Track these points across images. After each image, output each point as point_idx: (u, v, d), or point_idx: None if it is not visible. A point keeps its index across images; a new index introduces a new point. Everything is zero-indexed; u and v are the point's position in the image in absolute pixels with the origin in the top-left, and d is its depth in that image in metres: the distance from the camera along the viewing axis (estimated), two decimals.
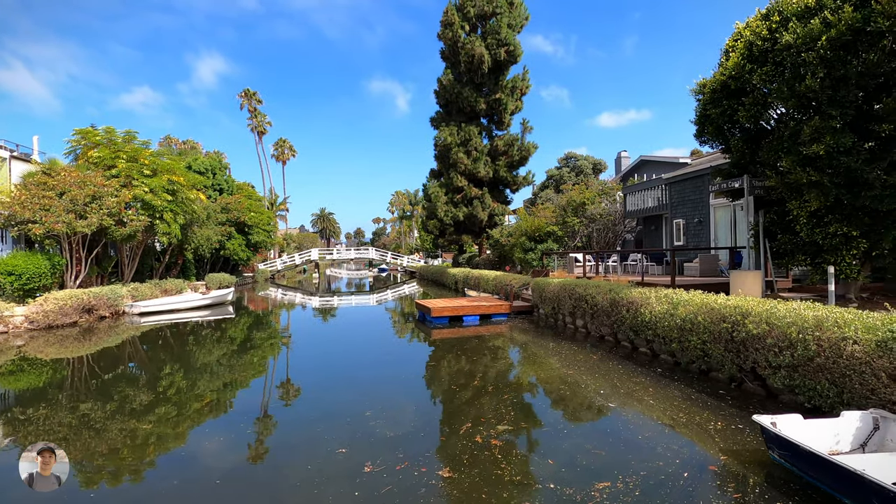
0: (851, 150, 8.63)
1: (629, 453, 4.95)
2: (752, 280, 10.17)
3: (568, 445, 5.18)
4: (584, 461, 4.77)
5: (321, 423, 6.23)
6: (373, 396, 7.41)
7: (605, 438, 5.45)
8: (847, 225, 9.60)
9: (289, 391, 8.10)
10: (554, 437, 5.41)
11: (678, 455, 4.84)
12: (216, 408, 7.13)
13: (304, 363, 10.83)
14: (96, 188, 19.18)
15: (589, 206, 22.61)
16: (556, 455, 4.91)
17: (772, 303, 7.03)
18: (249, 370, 9.97)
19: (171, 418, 6.56)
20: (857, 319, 5.45)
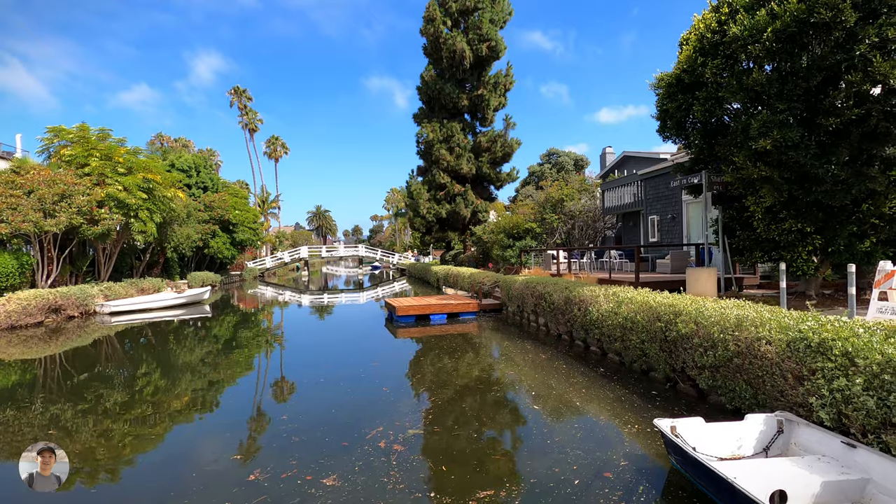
0: (800, 144, 8.45)
1: (531, 458, 4.79)
2: (706, 277, 10.01)
3: (472, 450, 5.02)
4: (480, 467, 4.61)
5: (232, 428, 6.08)
6: (297, 400, 7.27)
7: (513, 443, 5.29)
8: (801, 221, 9.44)
9: (215, 393, 7.94)
10: (461, 442, 5.25)
11: (579, 461, 4.68)
12: (154, 409, 6.97)
13: (253, 364, 10.67)
14: (66, 187, 18.99)
15: (568, 203, 22.43)
16: (454, 461, 4.75)
17: (704, 302, 6.86)
18: (198, 371, 9.82)
19: (111, 419, 6.40)
20: (773, 319, 5.29)
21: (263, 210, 69.06)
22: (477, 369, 8.70)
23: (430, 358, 9.99)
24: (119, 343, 13.80)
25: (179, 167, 34.18)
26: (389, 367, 9.44)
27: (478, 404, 6.68)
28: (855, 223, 9.22)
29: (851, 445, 3.98)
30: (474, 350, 10.58)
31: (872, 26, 7.50)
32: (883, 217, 9.05)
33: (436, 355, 10.13)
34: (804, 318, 5.04)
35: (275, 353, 12.09)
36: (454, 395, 7.17)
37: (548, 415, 6.09)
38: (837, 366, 4.22)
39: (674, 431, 4.50)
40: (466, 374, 8.37)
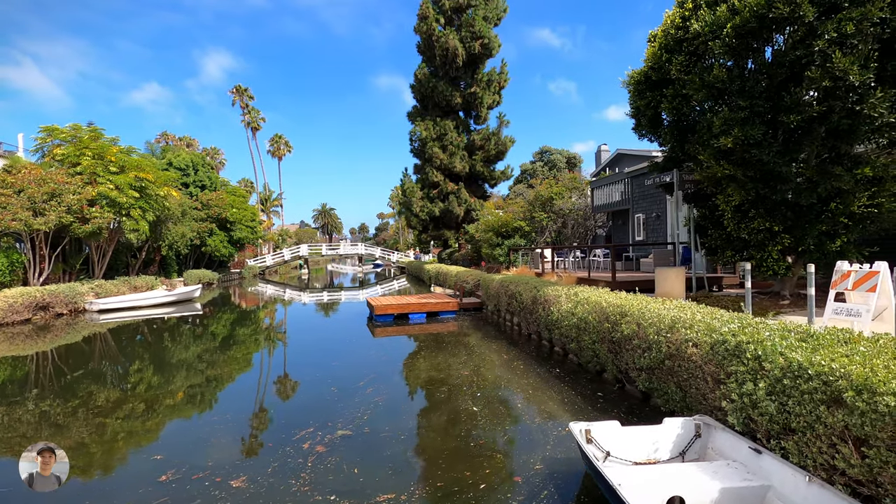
0: (763, 142, 8.30)
1: (448, 462, 4.75)
2: (674, 277, 9.88)
3: (393, 453, 4.99)
4: (393, 470, 4.57)
5: (168, 427, 6.10)
6: (240, 401, 7.29)
7: (438, 446, 5.25)
8: (769, 220, 9.28)
9: (164, 391, 7.98)
10: (386, 444, 5.22)
11: (495, 464, 4.64)
12: (125, 404, 7.02)
13: (216, 364, 10.72)
14: (56, 185, 19.21)
15: (557, 201, 22.29)
16: (370, 463, 4.72)
17: (647, 304, 6.76)
18: (162, 368, 9.89)
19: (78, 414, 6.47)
20: (703, 321, 5.19)
21: (266, 208, 69.48)
22: (434, 370, 8.67)
23: (393, 358, 9.98)
24: (100, 340, 13.94)
25: (177, 166, 34.44)
26: (348, 368, 9.42)
27: (419, 406, 6.65)
28: (824, 222, 9.04)
29: (757, 451, 3.91)
30: (440, 350, 10.55)
31: (831, 21, 7.34)
32: (853, 217, 8.87)
33: (400, 355, 10.12)
34: (731, 320, 4.95)
35: (243, 352, 12.13)
36: (400, 396, 7.14)
37: (484, 416, 6.04)
38: (748, 369, 4.13)
39: (588, 435, 4.45)
40: (421, 375, 8.35)
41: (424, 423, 5.93)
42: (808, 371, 3.49)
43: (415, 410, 6.44)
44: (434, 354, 10.03)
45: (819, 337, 4.03)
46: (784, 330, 4.33)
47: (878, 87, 7.35)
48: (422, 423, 5.92)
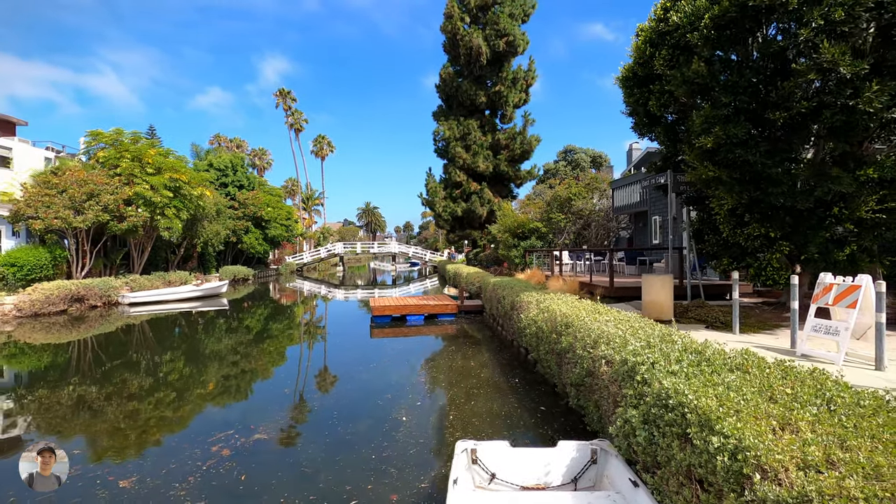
0: (748, 142, 7.65)
1: (339, 474, 4.66)
2: (660, 286, 9.29)
3: (293, 460, 4.96)
4: (279, 480, 4.54)
5: (103, 422, 6.35)
6: (185, 400, 7.48)
7: (339, 457, 5.15)
8: (766, 225, 8.56)
9: (129, 382, 8.33)
10: (292, 451, 5.20)
11: (381, 480, 4.51)
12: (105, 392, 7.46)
13: (194, 360, 11.09)
14: (95, 186, 20.62)
15: (577, 202, 21.59)
16: (263, 469, 4.71)
17: (599, 314, 6.38)
18: (157, 360, 10.38)
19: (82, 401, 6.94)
20: (622, 337, 4.83)
21: (308, 207, 71.70)
22: (395, 375, 8.59)
23: (366, 360, 9.96)
24: (120, 332, 14.83)
25: (217, 166, 36.14)
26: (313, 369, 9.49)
27: (350, 413, 6.57)
28: (827, 229, 8.24)
29: (635, 484, 3.59)
30: (418, 354, 10.46)
31: (818, 7, 6.63)
32: (862, 223, 8.02)
33: (376, 358, 10.10)
34: (645, 337, 4.57)
35: (229, 351, 12.51)
36: (340, 402, 7.11)
37: (407, 428, 5.89)
38: (635, 393, 3.79)
39: (473, 455, 4.24)
40: (377, 380, 8.29)
41: (342, 432, 5.85)
42: (670, 400, 3.16)
43: (342, 417, 6.36)
44: (407, 358, 9.95)
45: (713, 360, 3.64)
46: (684, 351, 3.95)
47: (874, 79, 6.58)
48: (340, 432, 5.84)
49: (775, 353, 6.61)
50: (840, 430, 2.36)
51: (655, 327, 5.24)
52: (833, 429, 2.38)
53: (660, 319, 9.31)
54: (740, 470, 2.32)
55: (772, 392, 2.90)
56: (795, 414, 2.56)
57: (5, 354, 11.16)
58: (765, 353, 6.55)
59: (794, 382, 3.09)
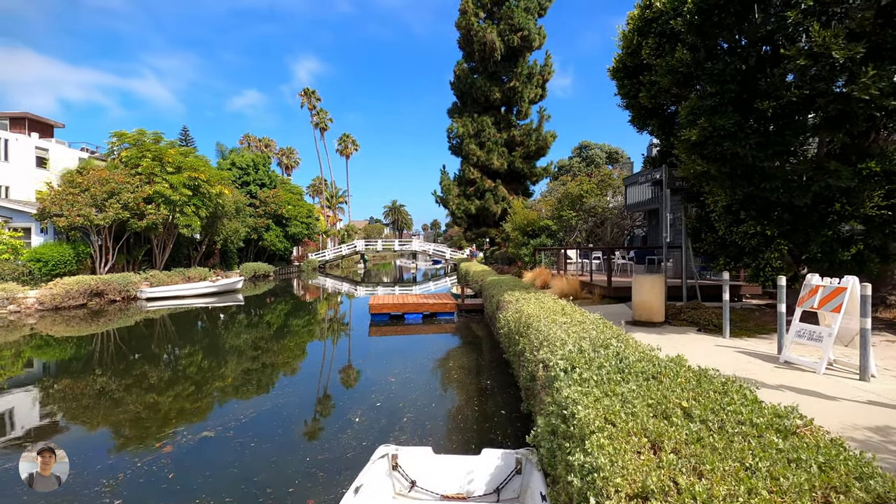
0: (737, 133, 7.17)
1: (265, 476, 4.59)
2: (649, 287, 8.87)
3: (229, 459, 4.92)
4: (204, 479, 4.50)
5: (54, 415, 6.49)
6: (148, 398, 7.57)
7: (277, 458, 5.06)
8: (762, 223, 8.05)
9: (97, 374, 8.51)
10: (232, 449, 5.16)
11: (308, 481, 4.41)
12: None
13: (170, 355, 11.29)
14: (116, 185, 21.38)
15: (588, 199, 21.01)
16: (196, 468, 4.69)
17: (558, 314, 6.10)
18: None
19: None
20: (563, 340, 4.56)
21: (332, 205, 72.69)
22: (369, 374, 8.49)
23: (348, 358, 9.92)
24: (133, 327, 15.32)
25: (239, 165, 36.97)
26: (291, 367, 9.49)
27: (309, 412, 6.50)
28: (830, 226, 7.69)
29: (544, 499, 3.36)
30: (400, 353, 10.34)
31: None
32: (869, 220, 7.44)
33: (360, 355, 10.04)
34: (595, 340, 4.31)
35: (219, 346, 12.69)
36: (307, 400, 7.06)
37: (357, 430, 5.77)
38: (552, 401, 3.56)
39: (394, 461, 4.09)
40: (349, 379, 8.21)
41: (290, 432, 5.78)
42: (565, 411, 2.93)
43: (297, 417, 6.30)
44: (388, 358, 9.85)
45: (634, 368, 3.38)
46: (613, 357, 3.68)
47: (870, 64, 6.04)
48: (287, 432, 5.77)
49: (758, 358, 6.19)
50: (708, 452, 2.10)
51: (608, 330, 4.95)
52: (702, 451, 2.12)
53: (650, 321, 8.90)
54: (585, 495, 2.09)
55: (666, 405, 2.64)
56: (672, 431, 2.30)
57: (32, 346, 11.69)
58: (746, 360, 6.13)
59: (699, 394, 2.81)
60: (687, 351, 6.65)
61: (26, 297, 17.11)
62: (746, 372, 5.55)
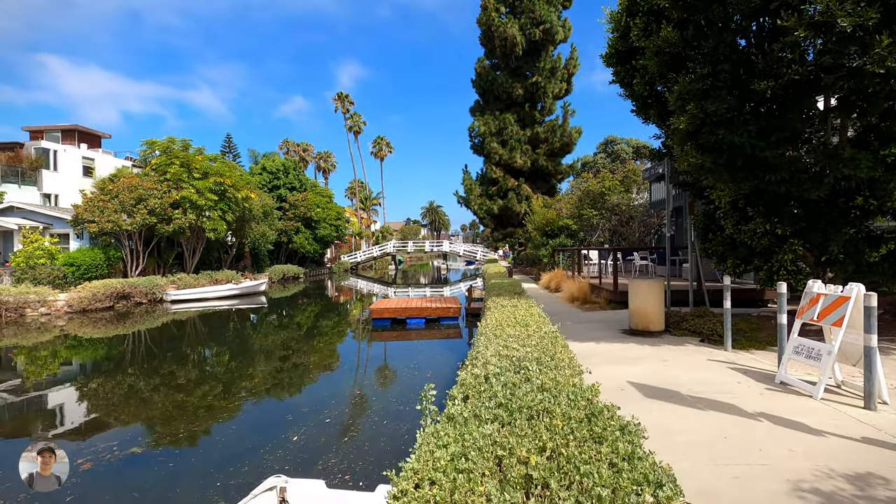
0: (732, 120, 6.33)
1: (161, 499, 4.28)
2: (647, 291, 8.06)
3: (142, 479, 4.65)
4: (110, 495, 4.24)
5: None
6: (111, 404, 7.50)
7: (189, 477, 4.75)
8: (772, 220, 7.13)
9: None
10: (150, 466, 4.91)
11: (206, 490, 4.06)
12: None
13: (137, 360, 11.31)
14: (143, 191, 22.18)
15: (611, 197, 19.92)
16: (104, 485, 4.45)
17: (516, 326, 5.50)
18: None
19: None
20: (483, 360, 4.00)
21: (366, 206, 73.52)
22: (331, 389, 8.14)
23: (329, 368, 9.61)
24: (152, 329, 15.73)
25: (269, 170, 37.82)
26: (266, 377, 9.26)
27: (244, 434, 6.16)
28: (852, 223, 6.70)
29: None
30: (385, 363, 9.95)
31: None
32: None
33: (343, 365, 9.73)
34: (513, 360, 3.74)
35: (202, 352, 12.70)
36: (257, 418, 6.76)
37: (287, 450, 5.39)
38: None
39: (282, 494, 3.67)
40: (309, 393, 7.88)
41: (212, 457, 5.46)
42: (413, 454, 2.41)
43: (231, 440, 5.97)
44: (372, 367, 9.48)
45: (518, 401, 2.81)
46: (503, 385, 3.12)
47: (884, 32, 5.10)
48: (208, 450, 5.47)
49: (752, 377, 5.37)
50: None
51: (553, 348, 4.34)
52: None
53: (647, 330, 8.10)
54: None
55: (509, 461, 2.08)
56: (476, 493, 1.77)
57: (61, 346, 12.16)
58: (737, 379, 5.32)
59: (566, 443, 2.22)
60: (672, 367, 5.89)
61: (56, 299, 17.94)
62: (730, 394, 4.79)
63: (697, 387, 5.05)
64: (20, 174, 30.00)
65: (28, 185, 30.50)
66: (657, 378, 5.44)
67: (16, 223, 21.64)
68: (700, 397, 4.72)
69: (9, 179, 29.30)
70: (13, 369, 10.18)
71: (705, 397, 4.71)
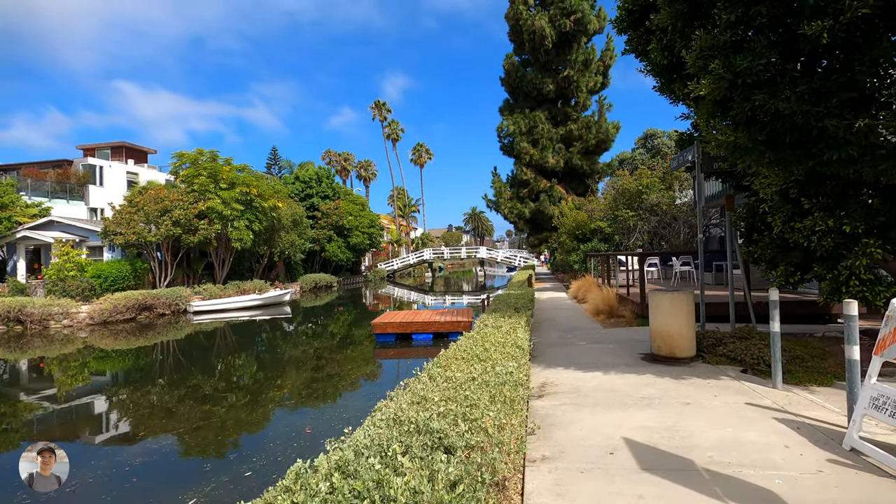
0: (774, 80, 4.70)
1: None
2: (670, 307, 6.41)
3: None
4: None
5: None
6: None
7: None
8: (837, 214, 5.39)
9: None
10: None
11: None
12: None
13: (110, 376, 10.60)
14: (169, 203, 22.30)
15: (650, 195, 17.93)
16: None
17: (467, 361, 4.14)
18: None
19: None
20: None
21: (405, 214, 73.30)
22: (283, 424, 7.00)
23: (305, 394, 8.53)
24: (174, 341, 15.40)
25: (302, 179, 37.91)
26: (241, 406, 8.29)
27: (161, 482, 5.12)
28: None
29: None
30: (362, 392, 8.76)
31: None
32: None
33: (326, 390, 8.63)
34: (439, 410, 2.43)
35: (196, 370, 11.94)
36: (187, 459, 5.73)
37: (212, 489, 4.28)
38: None
39: None
40: (258, 427, 6.79)
41: None
42: None
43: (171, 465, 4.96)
44: (352, 394, 8.32)
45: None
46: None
47: None
48: None
49: (809, 437, 3.73)
50: None
51: (462, 406, 2.98)
52: None
53: (671, 356, 6.45)
54: None
55: None
56: None
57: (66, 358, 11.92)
58: (785, 439, 3.70)
59: None
60: (694, 415, 4.32)
61: (79, 311, 18.08)
62: (772, 470, 3.23)
63: (724, 453, 3.51)
64: (69, 190, 31.44)
65: (76, 201, 31.92)
66: (669, 433, 3.92)
67: (52, 237, 22.29)
68: (723, 474, 3.19)
69: (58, 195, 30.74)
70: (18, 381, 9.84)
71: (732, 475, 3.17)
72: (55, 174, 30.93)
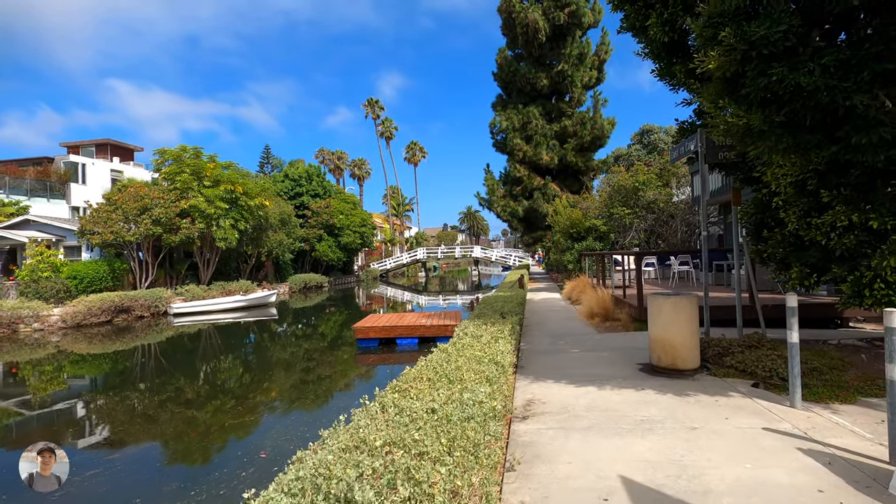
0: (795, 50, 4.03)
1: None
2: (671, 313, 5.73)
3: None
4: None
5: None
6: None
7: None
8: (862, 208, 4.74)
9: None
10: None
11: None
12: None
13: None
14: (149, 201, 21.48)
15: (647, 192, 17.31)
16: None
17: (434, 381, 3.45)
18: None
19: None
20: None
21: (399, 213, 72.52)
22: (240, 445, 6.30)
23: (266, 408, 7.83)
24: (143, 345, 14.62)
25: (291, 177, 37.09)
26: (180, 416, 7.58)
27: None
28: None
29: None
30: (331, 404, 8.06)
31: None
32: None
33: (290, 403, 7.92)
34: None
35: (170, 376, 11.22)
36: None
37: None
38: None
39: None
40: (204, 450, 6.07)
41: None
42: None
43: None
44: (320, 409, 7.62)
45: None
46: None
47: None
48: None
49: (842, 475, 3.04)
50: None
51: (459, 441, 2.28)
52: None
53: (673, 368, 5.77)
54: None
55: None
56: None
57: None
58: (815, 476, 3.02)
59: None
60: (703, 444, 3.63)
61: (50, 314, 17.26)
62: None
63: (744, 499, 2.83)
64: (49, 188, 30.47)
65: (57, 199, 30.94)
66: (675, 470, 3.24)
67: (27, 236, 21.41)
68: None
69: (38, 193, 29.76)
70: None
71: None
72: (34, 172, 29.95)
